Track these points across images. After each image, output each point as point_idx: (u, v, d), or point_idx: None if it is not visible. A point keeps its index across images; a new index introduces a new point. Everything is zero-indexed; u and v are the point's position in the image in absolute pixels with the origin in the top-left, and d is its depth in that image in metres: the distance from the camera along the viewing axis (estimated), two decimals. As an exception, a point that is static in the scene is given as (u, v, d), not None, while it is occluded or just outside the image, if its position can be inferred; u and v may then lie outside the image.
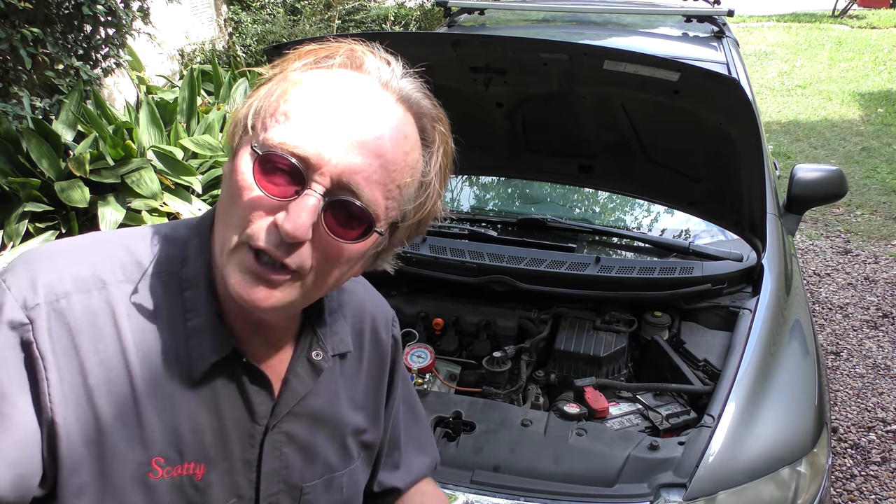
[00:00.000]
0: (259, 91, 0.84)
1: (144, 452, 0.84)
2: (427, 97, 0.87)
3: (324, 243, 0.80)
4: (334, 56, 0.84)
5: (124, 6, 4.76)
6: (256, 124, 0.81)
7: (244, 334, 0.90)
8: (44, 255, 0.85)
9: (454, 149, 0.92)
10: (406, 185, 0.84)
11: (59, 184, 4.03)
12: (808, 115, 8.35)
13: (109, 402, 0.82)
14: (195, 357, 0.86)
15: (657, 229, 2.83)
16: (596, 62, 1.90)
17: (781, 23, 13.42)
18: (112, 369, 0.82)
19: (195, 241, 0.89)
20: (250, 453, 0.92)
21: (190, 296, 0.87)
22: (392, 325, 1.15)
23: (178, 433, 0.85)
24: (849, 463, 3.16)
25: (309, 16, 8.06)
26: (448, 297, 2.36)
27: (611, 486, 1.64)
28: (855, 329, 4.19)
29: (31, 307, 0.80)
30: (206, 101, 5.50)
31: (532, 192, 3.13)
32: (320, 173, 0.77)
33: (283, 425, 0.94)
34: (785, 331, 2.08)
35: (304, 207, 0.77)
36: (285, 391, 0.93)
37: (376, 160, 0.80)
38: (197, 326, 0.86)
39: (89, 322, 0.82)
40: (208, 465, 0.88)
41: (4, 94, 4.12)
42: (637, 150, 2.24)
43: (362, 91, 0.82)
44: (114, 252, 0.87)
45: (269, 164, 0.78)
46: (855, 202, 5.93)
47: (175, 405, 0.85)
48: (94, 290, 0.83)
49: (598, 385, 2.01)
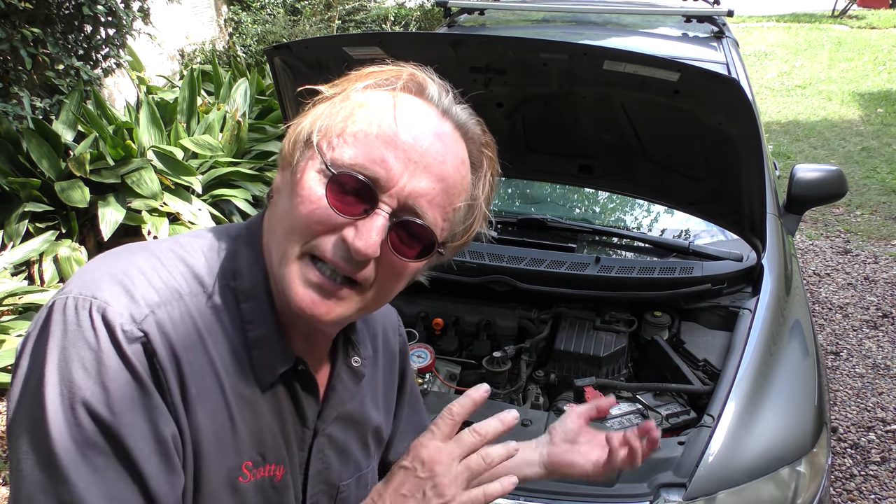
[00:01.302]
0: (319, 109, 0.87)
1: (236, 458, 0.87)
2: (478, 123, 0.92)
3: (388, 260, 0.84)
4: (397, 79, 0.87)
5: (124, 6, 4.76)
6: (322, 143, 0.84)
7: (294, 343, 0.92)
8: (122, 265, 0.83)
9: (500, 173, 0.95)
10: (460, 209, 0.89)
11: (59, 184, 4.03)
12: (808, 115, 8.35)
13: (207, 410, 0.83)
14: (260, 367, 0.88)
15: (657, 229, 2.83)
16: (596, 62, 1.90)
17: (781, 23, 13.42)
18: (205, 377, 0.83)
19: (245, 252, 0.90)
20: (301, 457, 0.96)
21: (248, 308, 0.88)
22: (399, 326, 1.21)
23: (260, 438, 0.89)
24: (848, 463, 3.16)
25: (309, 16, 8.06)
26: (448, 297, 2.36)
27: (611, 486, 1.64)
28: (855, 329, 4.19)
29: (140, 320, 0.78)
30: (206, 101, 5.50)
31: (532, 192, 3.13)
32: (389, 195, 0.81)
33: (326, 429, 0.98)
34: (785, 331, 2.08)
35: (373, 227, 0.81)
36: (332, 397, 0.98)
37: (439, 184, 0.84)
38: (259, 338, 0.88)
39: (183, 332, 0.82)
40: (285, 466, 0.92)
41: (5, 94, 4.12)
42: (637, 150, 2.24)
43: (427, 116, 0.85)
44: (175, 264, 0.86)
45: (341, 183, 0.81)
46: (855, 202, 5.93)
47: (255, 411, 0.88)
48: (174, 302, 0.83)
49: (598, 385, 2.01)
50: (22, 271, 3.88)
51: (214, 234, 0.93)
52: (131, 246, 0.90)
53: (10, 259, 3.76)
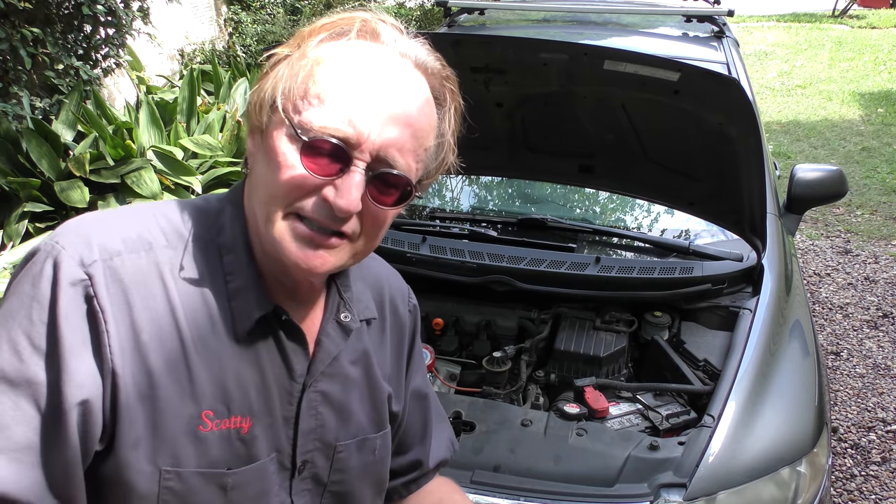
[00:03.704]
0: (279, 70, 0.87)
1: (195, 406, 0.87)
2: (437, 58, 0.93)
3: (370, 211, 0.88)
4: (350, 28, 0.88)
5: (124, 6, 4.76)
6: (287, 106, 0.85)
7: (279, 297, 0.94)
8: (92, 219, 0.90)
9: (462, 104, 0.96)
10: (430, 148, 0.91)
11: (58, 184, 4.03)
12: (808, 115, 8.35)
13: (161, 357, 0.85)
14: (238, 316, 0.90)
15: (657, 229, 2.83)
16: (596, 62, 1.90)
17: (781, 23, 13.42)
18: (163, 326, 0.86)
19: (229, 210, 0.94)
20: (289, 410, 0.96)
21: (229, 260, 0.92)
22: (409, 297, 1.19)
23: (225, 388, 0.89)
24: (849, 463, 3.16)
25: (309, 16, 8.07)
26: (448, 297, 2.36)
27: (611, 486, 1.64)
28: (855, 329, 4.19)
29: (88, 264, 0.83)
30: (205, 101, 5.50)
31: (532, 192, 3.13)
32: (360, 150, 0.84)
33: (318, 384, 0.98)
34: (785, 331, 2.08)
35: (352, 184, 0.84)
36: (319, 351, 0.98)
37: (407, 130, 0.86)
38: (238, 287, 0.91)
39: (140, 281, 0.86)
40: (253, 418, 0.92)
41: (4, 94, 4.12)
42: (637, 150, 2.24)
43: (385, 63, 0.87)
44: (155, 220, 0.91)
45: (314, 148, 0.83)
46: (855, 202, 5.93)
47: (222, 361, 0.89)
48: (142, 252, 0.87)
49: (598, 385, 2.01)
50: (22, 271, 3.88)
51: (212, 196, 0.99)
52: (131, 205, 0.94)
53: (10, 259, 3.76)
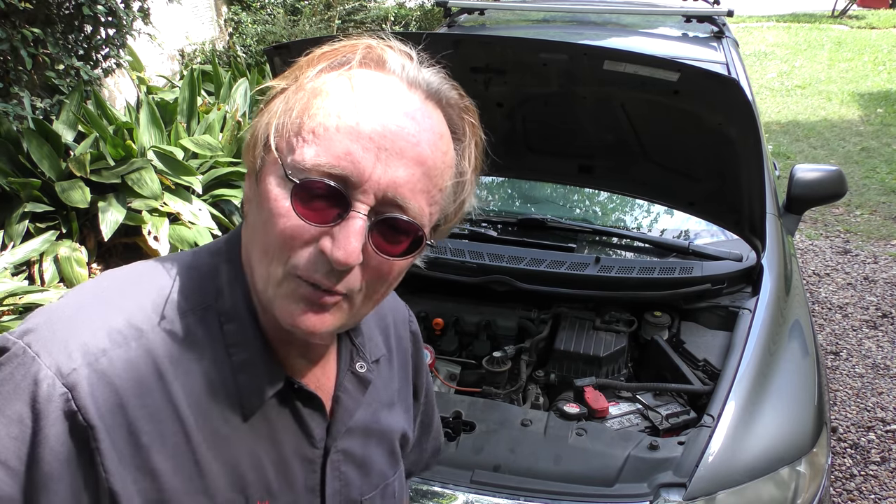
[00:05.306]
0: (274, 105, 0.78)
1: (208, 501, 0.80)
2: (453, 87, 0.82)
3: (373, 262, 0.76)
4: (352, 56, 0.77)
5: (125, 6, 4.76)
6: (281, 144, 0.75)
7: (289, 359, 0.86)
8: (71, 311, 0.78)
9: (483, 139, 0.86)
10: (446, 188, 0.80)
11: (59, 184, 4.03)
12: (808, 115, 8.35)
13: (165, 456, 0.76)
14: (247, 392, 0.81)
15: (657, 229, 2.83)
16: (596, 62, 1.91)
17: (781, 23, 13.42)
18: (163, 422, 0.77)
19: (226, 269, 0.84)
20: (312, 479, 0.89)
21: (230, 329, 0.82)
22: (409, 320, 1.12)
23: (239, 473, 0.81)
24: (848, 463, 3.16)
25: (309, 16, 8.06)
26: (448, 297, 2.36)
27: (611, 485, 1.64)
28: (854, 329, 4.19)
29: (66, 374, 0.72)
30: (206, 101, 5.50)
31: (532, 192, 3.13)
32: (363, 191, 0.72)
33: (339, 444, 0.91)
34: (784, 331, 2.08)
35: (351, 232, 0.72)
36: (337, 409, 0.90)
37: (418, 168, 0.75)
38: (244, 361, 0.81)
39: (133, 377, 0.75)
40: (272, 499, 0.84)
41: (5, 94, 4.12)
42: (637, 150, 2.24)
43: (391, 94, 0.75)
44: (143, 294, 0.81)
45: (307, 190, 0.72)
46: (854, 202, 5.93)
47: (232, 445, 0.81)
48: (132, 342, 0.76)
49: (598, 385, 2.01)
50: (22, 271, 3.88)
51: (202, 251, 0.88)
52: (110, 275, 0.85)
53: (11, 259, 3.77)
